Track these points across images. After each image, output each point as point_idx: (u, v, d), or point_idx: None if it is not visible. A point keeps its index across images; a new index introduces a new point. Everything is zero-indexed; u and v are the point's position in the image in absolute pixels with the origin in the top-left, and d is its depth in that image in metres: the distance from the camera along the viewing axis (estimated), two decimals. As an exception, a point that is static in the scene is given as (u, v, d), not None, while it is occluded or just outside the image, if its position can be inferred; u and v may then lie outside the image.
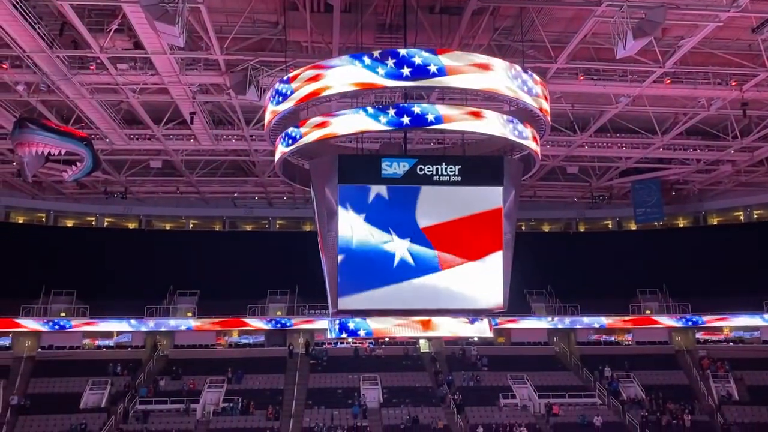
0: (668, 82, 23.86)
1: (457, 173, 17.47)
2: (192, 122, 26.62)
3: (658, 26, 17.54)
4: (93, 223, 42.72)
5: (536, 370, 37.27)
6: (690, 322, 39.27)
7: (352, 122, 16.22)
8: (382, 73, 14.85)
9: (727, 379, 36.77)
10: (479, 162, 19.02)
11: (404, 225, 17.48)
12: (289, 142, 17.39)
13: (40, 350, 37.59)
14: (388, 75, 14.84)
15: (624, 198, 41.09)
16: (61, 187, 38.62)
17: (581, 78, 23.46)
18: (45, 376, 35.66)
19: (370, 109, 16.15)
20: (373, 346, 39.29)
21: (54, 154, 19.98)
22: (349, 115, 16.37)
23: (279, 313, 39.68)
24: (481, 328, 18.82)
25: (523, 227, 43.38)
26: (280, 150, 17.90)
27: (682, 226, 44.20)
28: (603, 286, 39.38)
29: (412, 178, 17.43)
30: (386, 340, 36.23)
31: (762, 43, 21.15)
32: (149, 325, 38.20)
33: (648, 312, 40.31)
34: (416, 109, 15.73)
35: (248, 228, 44.78)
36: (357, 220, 17.44)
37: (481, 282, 17.90)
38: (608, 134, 30.66)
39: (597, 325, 39.89)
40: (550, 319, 39.67)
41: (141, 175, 36.27)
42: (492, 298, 18.00)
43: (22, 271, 37.48)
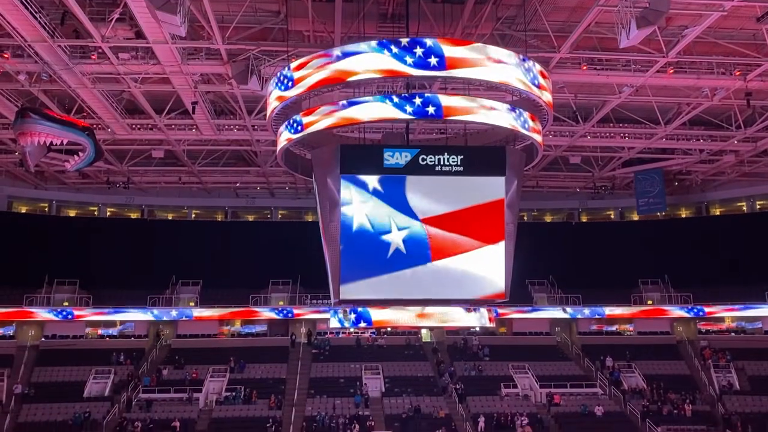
0: (672, 71, 23.76)
1: (459, 163, 17.48)
2: (194, 112, 26.60)
3: (662, 15, 17.45)
4: (95, 213, 42.77)
5: (538, 360, 37.36)
6: (692, 312, 39.27)
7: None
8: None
9: (729, 369, 36.85)
10: (481, 152, 19.04)
11: (404, 215, 17.49)
12: (298, 128, 17.34)
13: (43, 339, 37.76)
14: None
15: (626, 188, 41.01)
16: (63, 177, 38.66)
17: (584, 68, 23.36)
18: (49, 365, 35.85)
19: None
20: (374, 336, 39.42)
21: (56, 144, 19.96)
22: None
23: (281, 303, 39.78)
24: (481, 318, 18.88)
25: (525, 217, 43.37)
26: (286, 136, 17.80)
27: (684, 216, 44.13)
28: (605, 277, 39.42)
29: (415, 168, 17.45)
30: (388, 329, 36.35)
31: (766, 32, 21.02)
32: (154, 313, 38.20)
33: (650, 302, 40.35)
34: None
35: (250, 218, 44.82)
36: (358, 210, 17.45)
37: (482, 272, 17.93)
38: (611, 124, 30.58)
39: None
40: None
41: (143, 165, 36.28)
42: (493, 288, 18.03)
43: (25, 260, 37.58)
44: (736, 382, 36.03)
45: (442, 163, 17.43)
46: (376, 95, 17.07)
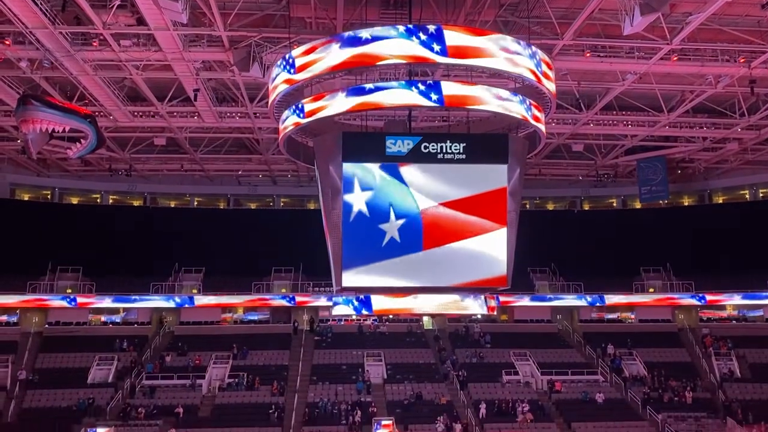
0: (675, 59, 23.63)
1: (461, 151, 17.43)
2: (196, 99, 26.57)
3: (666, 2, 17.35)
4: (98, 201, 42.84)
5: (539, 348, 37.50)
6: (695, 299, 39.28)
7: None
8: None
9: (730, 356, 36.95)
10: (484, 140, 18.96)
11: (404, 204, 17.49)
12: (302, 114, 17.28)
13: (47, 326, 37.95)
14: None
15: (629, 176, 40.94)
16: (65, 164, 38.69)
17: (587, 55, 23.25)
18: (52, 351, 36.06)
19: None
20: (376, 323, 39.56)
21: (58, 131, 19.92)
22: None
23: (284, 291, 39.90)
24: (482, 306, 18.95)
25: (528, 205, 43.33)
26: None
27: (687, 204, 44.07)
28: (607, 264, 39.46)
29: (417, 155, 17.39)
30: (390, 316, 36.49)
31: (771, 19, 20.90)
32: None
33: (651, 290, 40.41)
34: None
35: (252, 206, 44.85)
36: (358, 198, 17.45)
37: (483, 258, 17.95)
38: (614, 112, 30.47)
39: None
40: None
41: (145, 153, 36.28)
42: (493, 274, 18.05)
43: (28, 248, 37.70)
44: (737, 370, 36.14)
45: (445, 151, 17.37)
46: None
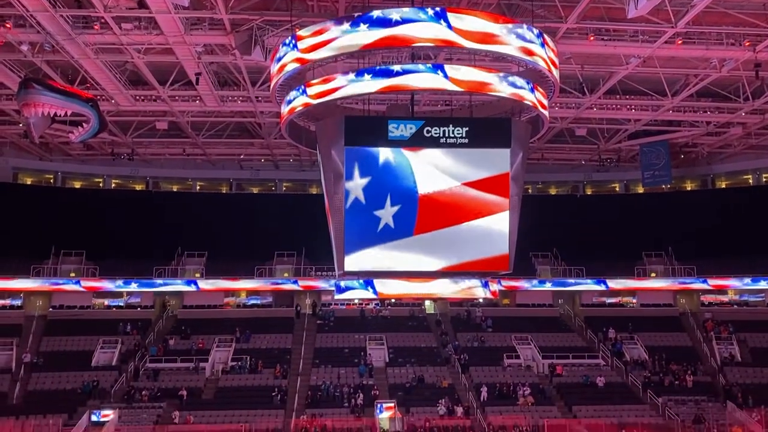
0: (680, 42, 23.48)
1: (464, 135, 17.40)
2: (197, 83, 26.49)
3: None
4: (100, 185, 42.88)
5: (540, 332, 37.66)
6: (697, 283, 39.28)
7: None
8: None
9: (731, 340, 37.07)
10: (487, 124, 18.91)
11: (403, 191, 17.51)
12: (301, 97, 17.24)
13: (51, 309, 38.16)
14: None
15: (632, 161, 40.83)
16: (68, 149, 38.68)
17: (591, 38, 23.10)
18: (56, 334, 36.31)
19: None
20: (379, 308, 39.73)
21: (60, 115, 19.91)
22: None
23: (286, 275, 40.03)
24: (484, 291, 19.05)
25: (530, 190, 43.28)
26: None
27: (689, 189, 43.99)
28: (609, 249, 39.47)
29: (419, 140, 17.37)
30: (392, 300, 36.60)
31: (777, 2, 20.72)
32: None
33: (653, 274, 40.45)
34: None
35: (255, 190, 44.87)
36: (357, 183, 17.46)
37: (485, 242, 17.99)
38: (617, 96, 30.32)
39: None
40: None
41: (147, 137, 36.26)
42: (494, 255, 18.09)
43: (31, 232, 37.80)
44: (738, 354, 36.28)
45: (447, 135, 17.34)
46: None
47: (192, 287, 38.44)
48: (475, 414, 30.91)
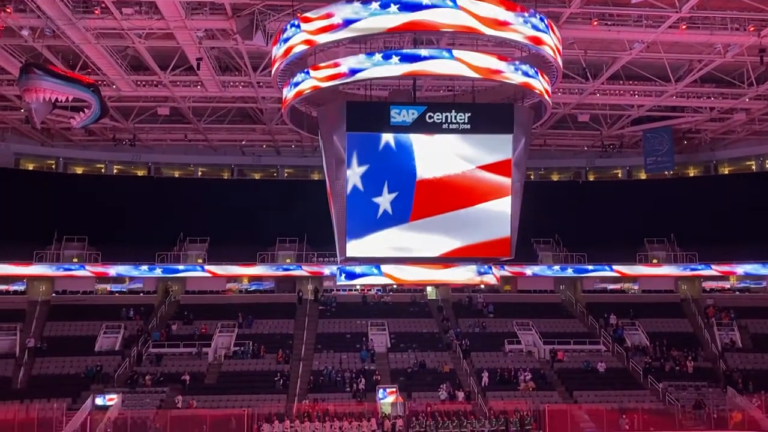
0: (684, 27, 23.31)
1: (466, 121, 17.38)
2: (199, 68, 26.40)
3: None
4: (102, 171, 42.90)
5: (542, 317, 37.75)
6: (698, 269, 39.28)
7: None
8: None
9: (732, 327, 37.15)
10: (489, 109, 18.87)
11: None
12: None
13: (54, 295, 38.31)
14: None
15: (635, 147, 40.72)
16: (69, 134, 38.64)
17: (595, 23, 22.96)
18: (60, 319, 36.47)
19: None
20: (380, 293, 39.82)
21: (61, 101, 19.87)
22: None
23: (288, 261, 40.11)
24: (489, 277, 19.15)
25: (532, 176, 43.19)
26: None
27: (692, 175, 43.89)
28: (611, 235, 39.48)
29: (422, 125, 17.34)
30: (394, 286, 36.70)
31: (783, -14, 20.54)
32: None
33: (655, 261, 40.46)
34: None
35: (256, 176, 44.84)
36: (357, 170, 17.45)
37: (486, 225, 18.03)
38: (621, 81, 30.18)
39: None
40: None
41: (149, 122, 36.19)
42: (498, 244, 18.13)
43: (33, 217, 37.84)
44: (739, 340, 36.36)
45: (450, 121, 17.31)
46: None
47: (200, 272, 38.66)
48: (476, 399, 31.09)
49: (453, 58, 16.39)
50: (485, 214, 17.87)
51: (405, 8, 15.27)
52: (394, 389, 30.22)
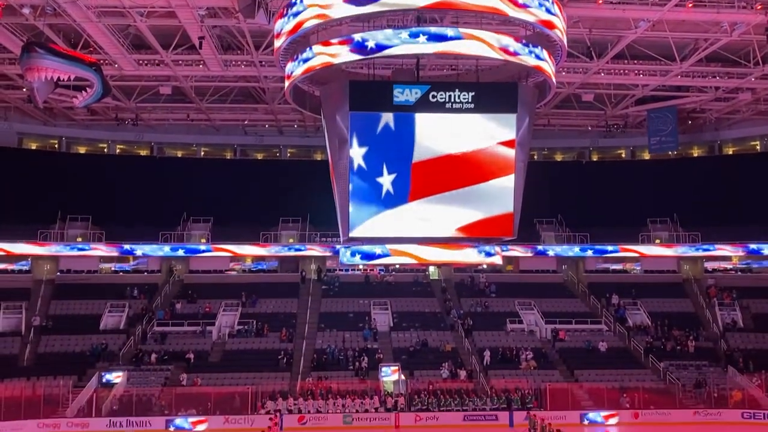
0: (690, 5, 23.10)
1: (470, 100, 17.30)
2: (201, 47, 26.22)
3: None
4: (105, 150, 42.87)
5: (544, 297, 37.88)
6: (700, 251, 39.29)
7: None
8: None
9: (733, 306, 37.26)
10: (493, 88, 18.76)
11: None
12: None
13: (58, 274, 38.52)
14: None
15: (639, 127, 40.50)
16: (72, 114, 38.56)
17: (600, 2, 22.72)
18: (65, 298, 36.71)
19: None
20: (383, 273, 39.95)
21: (63, 80, 19.78)
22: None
23: (291, 241, 40.21)
24: (493, 257, 19.26)
25: (536, 156, 43.07)
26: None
27: (696, 155, 43.70)
28: (614, 216, 39.45)
29: (425, 105, 17.26)
30: (396, 266, 36.80)
31: (791, -37, 20.27)
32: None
33: (658, 241, 40.45)
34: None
35: (259, 156, 44.79)
36: (360, 150, 17.43)
37: (488, 206, 18.06)
38: (625, 61, 29.93)
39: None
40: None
41: (151, 102, 36.08)
42: (500, 222, 18.16)
43: (37, 197, 37.92)
44: (740, 320, 36.49)
45: (453, 100, 17.23)
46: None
47: (206, 252, 38.81)
48: (478, 377, 31.34)
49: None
50: (488, 192, 17.87)
51: None
52: (397, 367, 30.47)
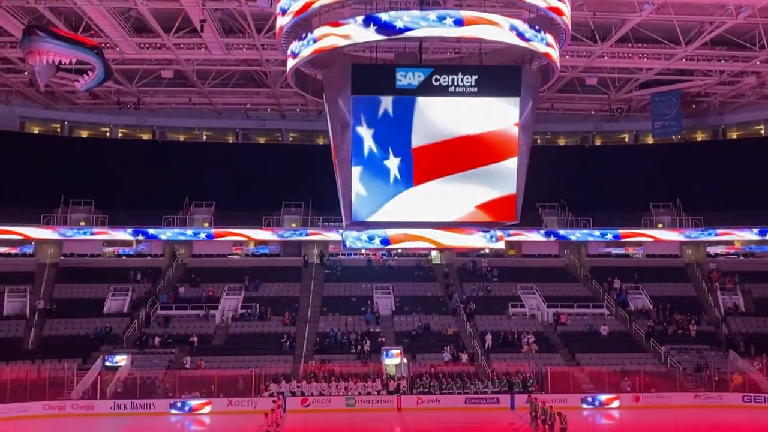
0: (696, -13, 22.88)
1: (473, 84, 17.17)
2: (202, 30, 26.11)
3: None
4: (107, 134, 42.81)
5: (546, 281, 37.95)
6: (703, 236, 39.20)
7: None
8: None
9: (735, 291, 37.29)
10: (496, 72, 18.61)
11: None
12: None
13: (62, 257, 38.65)
14: None
15: (642, 111, 40.33)
16: (74, 98, 38.50)
17: (605, -17, 22.53)
18: (68, 282, 36.87)
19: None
20: (385, 257, 40.01)
21: (65, 63, 19.72)
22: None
23: (293, 225, 40.24)
24: (493, 238, 19.27)
25: (539, 140, 42.94)
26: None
27: (699, 140, 43.52)
28: (616, 200, 39.41)
29: (428, 88, 17.13)
30: (399, 250, 36.84)
31: (798, -55, 20.05)
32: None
33: (660, 225, 40.37)
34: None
35: (261, 140, 44.71)
36: (366, 133, 17.36)
37: (490, 189, 18.04)
38: (629, 44, 29.74)
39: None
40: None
41: (153, 86, 35.97)
42: (503, 204, 18.15)
43: (40, 181, 37.94)
44: (742, 304, 36.55)
45: (456, 84, 17.10)
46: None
47: (207, 238, 38.70)
48: (480, 361, 31.50)
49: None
50: (491, 176, 17.83)
51: None
52: (399, 351, 30.64)
